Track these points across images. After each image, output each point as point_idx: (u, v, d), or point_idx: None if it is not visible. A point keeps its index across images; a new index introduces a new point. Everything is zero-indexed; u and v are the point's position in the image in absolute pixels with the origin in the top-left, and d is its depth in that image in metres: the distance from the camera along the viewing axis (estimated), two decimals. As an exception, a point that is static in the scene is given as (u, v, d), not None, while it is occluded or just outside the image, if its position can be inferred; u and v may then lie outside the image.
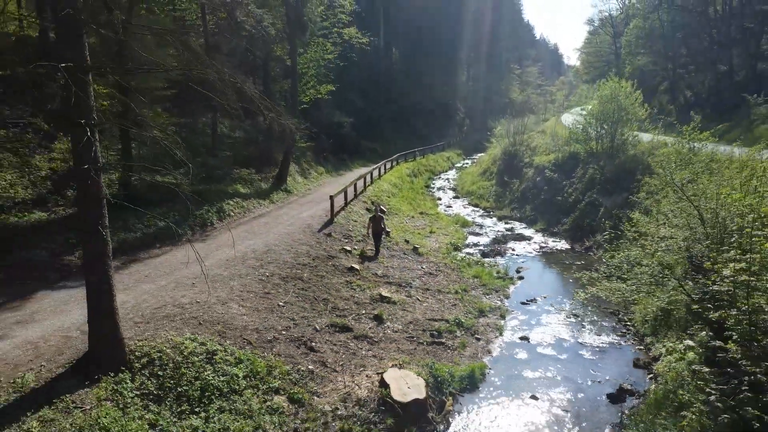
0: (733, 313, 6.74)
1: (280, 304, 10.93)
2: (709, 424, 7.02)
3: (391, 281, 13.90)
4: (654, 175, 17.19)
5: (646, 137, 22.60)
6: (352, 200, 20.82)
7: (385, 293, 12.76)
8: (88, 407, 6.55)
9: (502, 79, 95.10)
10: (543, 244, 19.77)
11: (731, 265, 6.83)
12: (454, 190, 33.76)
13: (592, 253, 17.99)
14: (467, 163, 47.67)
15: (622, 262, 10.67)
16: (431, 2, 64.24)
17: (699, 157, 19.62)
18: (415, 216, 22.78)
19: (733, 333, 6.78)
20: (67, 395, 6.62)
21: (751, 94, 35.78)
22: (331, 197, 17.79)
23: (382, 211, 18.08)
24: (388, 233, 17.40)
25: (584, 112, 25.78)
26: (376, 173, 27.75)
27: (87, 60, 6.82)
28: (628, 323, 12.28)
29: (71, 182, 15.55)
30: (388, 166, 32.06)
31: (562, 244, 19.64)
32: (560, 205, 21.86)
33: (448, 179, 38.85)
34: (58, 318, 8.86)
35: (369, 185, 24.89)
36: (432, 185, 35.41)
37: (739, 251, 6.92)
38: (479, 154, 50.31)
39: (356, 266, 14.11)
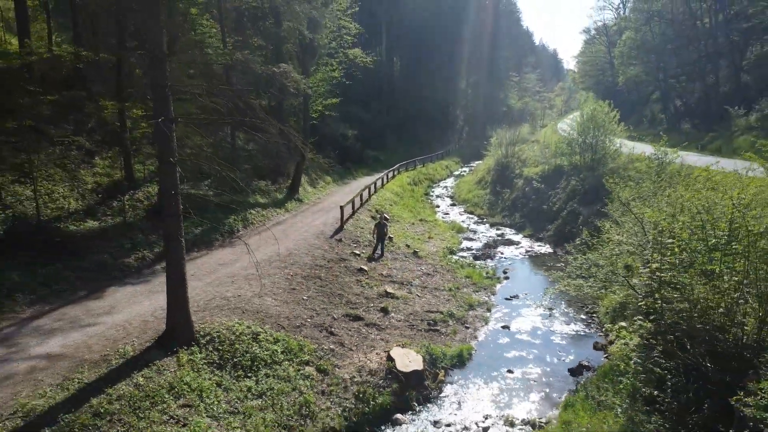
0: (650, 301, 9.08)
1: (304, 298, 13.29)
2: (635, 383, 9.36)
3: (395, 280, 16.26)
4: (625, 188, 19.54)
5: (627, 147, 24.88)
6: (358, 208, 23.20)
7: (389, 290, 15.12)
8: (172, 370, 8.89)
9: (501, 86, 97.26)
10: (529, 248, 22.14)
11: (651, 265, 9.17)
12: (451, 197, 36.17)
13: (570, 256, 20.31)
14: (465, 171, 50.07)
15: (583, 263, 12.98)
16: (431, 13, 66.68)
17: (672, 166, 22.13)
18: (415, 223, 25.13)
19: (652, 316, 9.12)
20: (157, 361, 8.95)
21: (736, 105, 37.94)
22: (341, 207, 20.17)
23: (386, 219, 20.43)
24: (390, 238, 19.77)
25: (573, 124, 28.10)
26: (379, 183, 30.10)
27: (172, 114, 9.15)
28: (594, 315, 14.65)
29: (117, 195, 17.96)
30: (390, 175, 34.42)
31: (546, 249, 22.00)
32: (546, 213, 24.24)
33: (446, 187, 41.25)
34: (132, 307, 11.22)
35: (373, 194, 27.27)
36: (431, 193, 37.81)
37: (656, 254, 9.26)
38: (477, 162, 52.66)
39: (365, 267, 16.48)
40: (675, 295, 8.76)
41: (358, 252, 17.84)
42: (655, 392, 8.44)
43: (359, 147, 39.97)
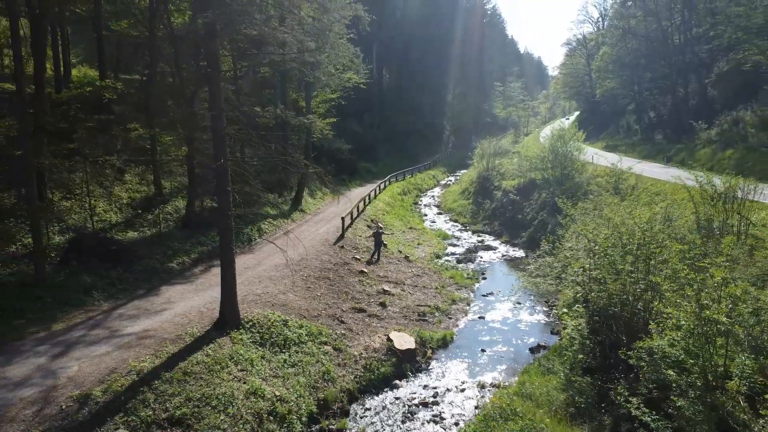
0: (584, 292, 12.33)
1: (318, 294, 16.38)
2: (574, 355, 12.58)
3: (390, 280, 19.40)
4: (586, 200, 22.96)
5: (605, 158, 28.29)
6: (356, 218, 26.31)
7: (386, 288, 18.25)
8: (229, 346, 11.91)
9: (487, 97, 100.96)
10: (505, 253, 25.45)
11: (584, 265, 12.43)
12: (438, 206, 39.47)
13: (532, 260, 23.68)
14: (451, 180, 53.46)
15: (540, 265, 16.20)
16: (418, 31, 70.16)
17: (627, 182, 25.62)
18: (406, 231, 28.32)
19: (583, 303, 12.37)
20: (217, 339, 11.95)
21: (703, 118, 41.22)
22: (342, 218, 23.29)
23: (381, 228, 23.55)
24: (385, 245, 22.90)
25: (546, 142, 31.58)
26: (372, 194, 33.24)
27: (227, 155, 12.18)
28: (553, 307, 17.92)
29: (150, 208, 20.80)
30: (382, 186, 37.59)
31: (520, 253, 25.32)
32: (520, 222, 27.60)
33: (433, 196, 44.56)
34: (186, 302, 14.19)
35: (368, 205, 30.41)
36: (419, 202, 41.07)
37: (588, 258, 12.52)
38: (462, 171, 56.10)
39: (365, 269, 19.59)
40: (599, 287, 12.02)
41: (358, 257, 20.96)
42: (581, 355, 11.68)
43: (353, 159, 43.10)
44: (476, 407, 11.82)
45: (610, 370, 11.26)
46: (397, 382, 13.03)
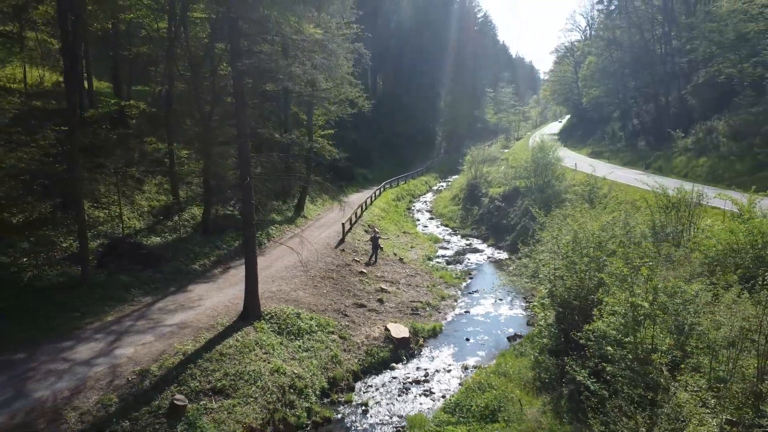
0: (551, 287, 14.76)
1: (324, 292, 18.72)
2: (543, 341, 15.00)
3: (387, 280, 21.77)
4: (563, 206, 25.43)
5: (589, 165, 30.90)
6: (354, 223, 28.66)
7: (383, 287, 20.62)
8: (253, 333, 14.21)
9: (478, 104, 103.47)
10: (490, 256, 27.91)
11: (550, 265, 14.87)
12: (429, 212, 41.94)
13: (518, 261, 26.13)
14: (443, 186, 55.96)
15: (518, 266, 18.60)
16: (411, 37, 72.64)
17: (601, 191, 28.14)
18: (400, 235, 30.70)
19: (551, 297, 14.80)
20: (243, 328, 14.24)
21: (683, 126, 43.08)
22: (343, 224, 25.62)
23: (377, 232, 25.90)
24: (381, 248, 25.25)
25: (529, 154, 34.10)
26: (369, 201, 35.61)
27: (251, 174, 14.51)
28: (531, 302, 20.34)
29: (169, 215, 23.00)
30: (378, 193, 39.98)
31: (504, 255, 27.78)
32: (505, 227, 30.08)
33: (425, 202, 47.03)
34: (213, 298, 16.47)
35: (365, 211, 32.77)
36: (412, 208, 43.52)
37: (555, 259, 14.95)
38: (454, 177, 58.56)
39: (364, 270, 21.95)
40: (562, 283, 14.46)
41: (357, 259, 23.31)
42: (546, 340, 14.12)
43: (350, 167, 45.45)
44: (460, 383, 14.22)
45: (569, 351, 13.69)
46: (394, 364, 15.39)
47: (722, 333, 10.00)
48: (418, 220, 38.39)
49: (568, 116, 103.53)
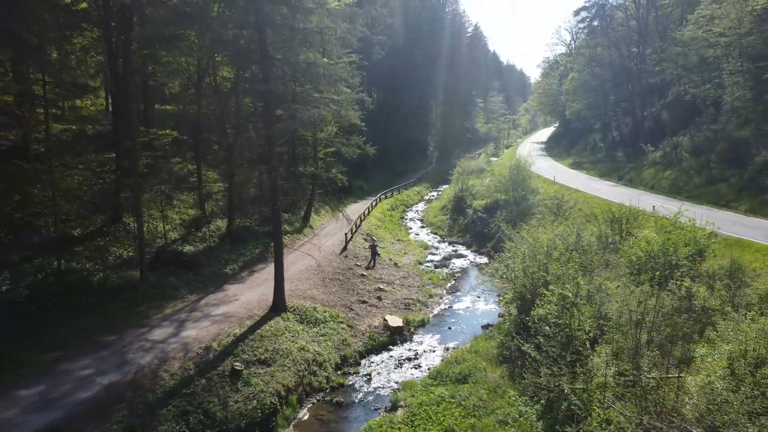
0: (517, 285, 19.03)
1: (333, 291, 22.90)
2: (508, 327, 19.22)
3: (384, 281, 25.97)
4: (533, 218, 29.79)
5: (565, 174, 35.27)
6: (355, 232, 32.83)
7: (381, 287, 24.82)
8: (282, 322, 18.34)
9: (469, 115, 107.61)
10: (473, 260, 32.19)
11: (513, 267, 19.14)
12: (421, 220, 46.22)
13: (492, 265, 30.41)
14: (434, 195, 60.26)
15: (491, 268, 22.84)
16: (404, 51, 76.74)
17: (569, 202, 32.41)
18: (394, 242, 34.92)
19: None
20: (273, 318, 18.36)
21: (656, 140, 46.55)
22: (346, 234, 29.81)
23: (374, 241, 30.08)
24: (379, 255, 29.43)
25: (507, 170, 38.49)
26: (366, 211, 39.81)
27: (280, 200, 18.68)
28: (504, 298, 24.59)
29: (199, 227, 27.06)
30: (374, 204, 44.18)
31: (485, 260, 32.05)
32: (486, 235, 34.38)
33: (417, 211, 51.32)
34: (245, 296, 20.56)
35: (363, 221, 36.96)
36: (405, 216, 47.78)
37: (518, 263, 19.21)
38: (445, 186, 62.83)
39: (364, 273, 26.14)
40: (521, 282, 18.73)
41: (359, 264, 27.51)
42: (508, 325, 18.39)
43: (348, 179, 49.61)
44: (441, 359, 18.42)
45: (523, 333, 17.94)
46: (390, 347, 19.59)
47: (624, 318, 14.26)
48: (411, 228, 42.65)
49: (557, 124, 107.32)
